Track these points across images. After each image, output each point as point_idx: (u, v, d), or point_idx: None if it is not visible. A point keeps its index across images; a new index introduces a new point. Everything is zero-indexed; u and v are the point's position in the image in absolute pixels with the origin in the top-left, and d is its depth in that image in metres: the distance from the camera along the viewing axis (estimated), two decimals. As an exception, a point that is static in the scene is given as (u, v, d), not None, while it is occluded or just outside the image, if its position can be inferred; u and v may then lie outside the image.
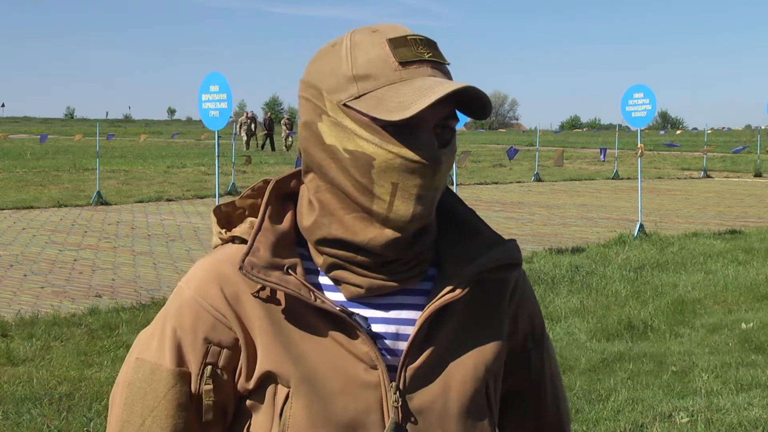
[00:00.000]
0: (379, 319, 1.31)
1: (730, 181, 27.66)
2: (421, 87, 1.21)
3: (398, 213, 1.25)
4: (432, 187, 1.25)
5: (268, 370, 1.28)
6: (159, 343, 1.32)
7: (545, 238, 13.33)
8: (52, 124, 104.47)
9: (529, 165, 31.11)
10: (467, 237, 1.37)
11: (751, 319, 7.87)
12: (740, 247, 11.94)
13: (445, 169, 1.27)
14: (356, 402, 1.26)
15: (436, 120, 1.25)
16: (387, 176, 1.23)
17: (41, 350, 6.65)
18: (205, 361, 1.30)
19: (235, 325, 1.29)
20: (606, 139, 56.75)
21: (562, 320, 7.98)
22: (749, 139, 53.23)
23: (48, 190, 19.97)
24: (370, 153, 1.23)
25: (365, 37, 1.27)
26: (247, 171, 25.36)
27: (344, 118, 1.25)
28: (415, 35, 1.27)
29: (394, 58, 1.24)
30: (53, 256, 11.13)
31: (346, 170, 1.26)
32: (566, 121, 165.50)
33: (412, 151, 1.23)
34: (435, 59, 1.27)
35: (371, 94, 1.23)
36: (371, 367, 1.27)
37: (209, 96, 10.71)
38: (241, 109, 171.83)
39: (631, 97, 13.33)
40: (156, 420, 1.29)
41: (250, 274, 1.25)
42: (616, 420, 5.28)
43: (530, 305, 1.47)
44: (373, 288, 1.29)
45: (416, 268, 1.32)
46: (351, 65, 1.26)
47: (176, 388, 1.29)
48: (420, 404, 1.29)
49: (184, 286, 1.34)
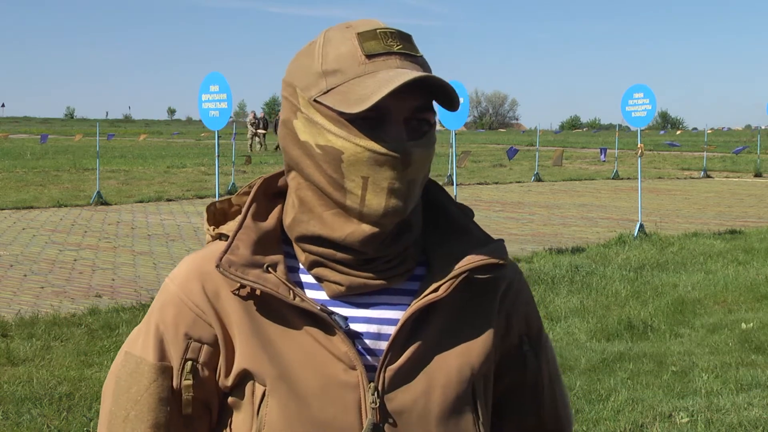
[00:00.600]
0: (361, 319, 1.30)
1: (730, 181, 27.65)
2: (383, 79, 1.21)
3: (371, 207, 1.24)
4: (404, 180, 1.24)
5: (244, 368, 1.28)
6: (144, 338, 1.34)
7: (545, 238, 13.33)
8: (52, 124, 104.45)
9: (529, 165, 31.10)
10: (456, 236, 1.36)
11: (751, 319, 7.87)
12: (740, 247, 11.94)
13: (418, 162, 1.25)
14: (334, 402, 1.26)
15: (407, 112, 1.25)
16: (356, 170, 1.23)
17: (41, 350, 6.65)
18: (186, 357, 1.31)
19: (215, 321, 1.30)
20: (606, 139, 56.75)
21: (562, 320, 7.98)
22: (749, 139, 53.23)
23: (48, 190, 19.97)
24: (339, 147, 1.23)
25: (337, 33, 1.28)
26: (247, 171, 25.36)
27: (315, 114, 1.26)
28: (386, 28, 1.27)
29: (362, 51, 1.24)
30: (53, 256, 11.13)
31: (320, 166, 1.26)
32: (566, 121, 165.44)
33: (379, 143, 1.22)
34: (405, 51, 1.26)
35: (338, 88, 1.24)
36: (350, 368, 1.26)
37: (209, 96, 10.71)
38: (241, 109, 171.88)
39: (631, 97, 13.33)
40: (139, 413, 1.31)
41: (227, 272, 1.26)
42: (616, 420, 5.28)
43: (526, 306, 1.44)
44: (353, 286, 1.29)
45: (400, 266, 1.31)
46: (321, 61, 1.27)
47: (158, 383, 1.31)
48: (400, 405, 1.27)
49: (169, 282, 1.36)
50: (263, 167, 28.29)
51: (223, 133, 26.56)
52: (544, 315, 8.15)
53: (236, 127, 28.94)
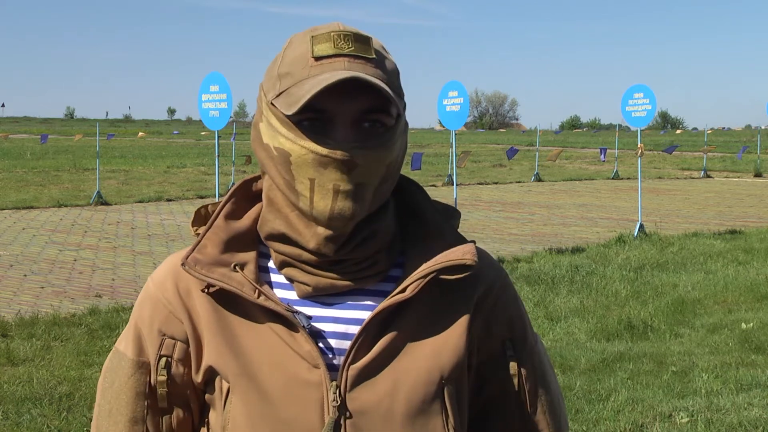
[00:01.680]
0: (328, 318, 1.30)
1: (730, 181, 27.65)
2: (320, 80, 1.20)
3: (318, 209, 1.24)
4: (351, 182, 1.22)
5: (210, 364, 1.30)
6: (126, 334, 1.38)
7: (545, 238, 13.33)
8: (52, 124, 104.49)
9: (529, 165, 31.11)
10: (430, 239, 1.35)
11: (751, 319, 7.87)
12: (740, 247, 11.94)
13: (367, 165, 1.23)
14: (297, 400, 1.26)
15: (354, 114, 1.24)
16: (303, 172, 1.24)
17: (41, 350, 6.65)
18: (160, 353, 1.33)
19: (185, 319, 1.32)
20: (606, 139, 56.74)
21: (562, 320, 7.98)
22: (749, 139, 53.23)
23: (48, 190, 19.97)
24: (287, 149, 1.24)
25: (299, 36, 1.29)
26: (247, 171, 25.36)
27: (271, 116, 1.27)
28: (342, 31, 1.26)
29: (311, 54, 1.25)
30: (53, 256, 11.13)
31: (276, 168, 1.27)
32: (566, 121, 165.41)
33: (322, 145, 1.22)
34: (355, 53, 1.24)
35: (287, 90, 1.25)
36: (313, 366, 1.27)
37: (209, 96, 10.71)
38: (241, 109, 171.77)
39: (631, 97, 13.33)
40: (119, 407, 1.34)
41: (193, 270, 1.28)
42: (616, 420, 5.28)
43: (508, 309, 1.41)
44: (320, 287, 1.29)
45: (371, 268, 1.31)
46: (279, 64, 1.28)
47: (135, 377, 1.34)
48: (362, 404, 1.27)
49: (149, 280, 1.39)
50: (263, 167, 28.25)
51: (223, 133, 26.56)
52: (544, 315, 8.15)
53: (236, 127, 28.93)
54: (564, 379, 6.09)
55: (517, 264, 10.59)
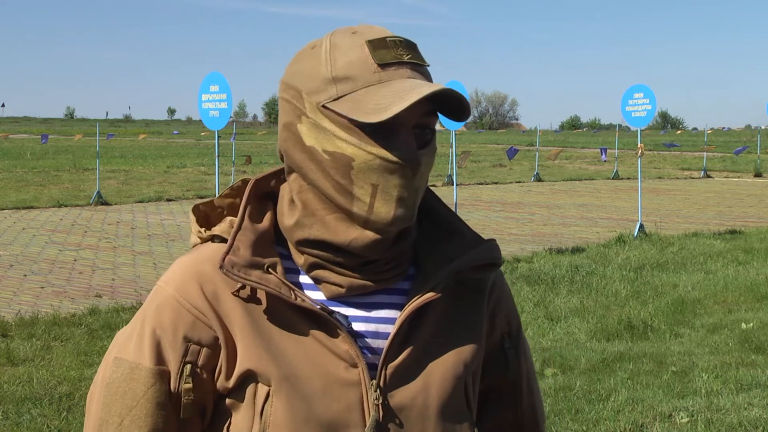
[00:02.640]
0: (359, 318, 1.31)
1: (730, 181, 27.66)
2: (399, 89, 1.21)
3: (379, 215, 1.24)
4: (412, 188, 1.25)
5: (248, 368, 1.28)
6: (138, 342, 1.31)
7: (545, 238, 13.33)
8: (52, 124, 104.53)
9: (529, 165, 31.11)
10: (447, 237, 1.38)
11: (751, 319, 7.87)
12: (740, 247, 11.94)
13: (424, 170, 1.27)
14: (337, 400, 1.27)
15: (414, 121, 1.25)
16: (366, 177, 1.23)
17: (41, 350, 6.65)
18: (185, 360, 1.29)
19: (215, 323, 1.29)
20: (606, 139, 56.75)
21: (562, 320, 7.98)
22: (749, 139, 53.24)
23: (48, 190, 19.97)
24: (350, 154, 1.23)
25: (345, 38, 1.28)
26: (247, 171, 25.36)
27: (323, 120, 1.25)
28: (394, 37, 1.28)
29: (373, 60, 1.24)
30: (53, 256, 11.13)
31: (326, 171, 1.26)
32: (566, 121, 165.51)
33: (391, 151, 1.23)
34: (414, 61, 1.27)
35: (350, 95, 1.24)
36: (351, 366, 1.27)
37: (209, 96, 10.70)
38: (241, 109, 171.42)
39: (631, 97, 13.33)
40: (135, 419, 1.29)
41: (231, 273, 1.26)
42: (616, 420, 5.28)
43: (507, 304, 1.47)
44: (353, 287, 1.29)
45: (397, 268, 1.32)
46: (330, 67, 1.26)
47: (155, 387, 1.29)
48: (400, 402, 1.29)
49: (163, 285, 1.34)
50: (263, 167, 28.28)
51: (223, 133, 26.55)
52: (544, 315, 8.16)
53: (236, 127, 28.94)
54: (564, 379, 6.09)
55: (517, 264, 10.59)
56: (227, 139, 27.47)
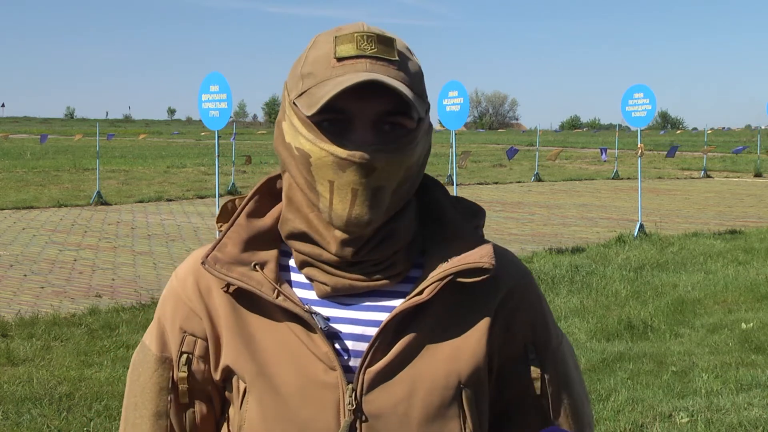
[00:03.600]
0: (345, 320, 1.29)
1: (730, 181, 27.65)
2: (340, 81, 1.19)
3: (336, 212, 1.23)
4: (368, 186, 1.21)
5: (227, 364, 1.30)
6: (150, 329, 1.39)
7: (545, 238, 13.33)
8: (52, 124, 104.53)
9: (529, 165, 31.11)
10: (450, 239, 1.33)
11: (751, 319, 7.87)
12: (740, 247, 11.94)
13: (385, 168, 1.22)
14: (313, 402, 1.26)
15: (373, 116, 1.22)
16: (323, 174, 1.23)
17: (41, 350, 6.65)
18: (182, 350, 1.34)
19: (205, 317, 1.33)
20: (606, 139, 56.75)
21: (562, 320, 7.97)
22: (749, 139, 53.24)
23: (48, 190, 19.97)
24: (307, 150, 1.24)
25: (323, 36, 1.28)
26: (247, 171, 25.37)
27: (293, 116, 1.26)
28: (366, 32, 1.25)
29: (334, 55, 1.24)
30: (53, 256, 11.13)
31: (298, 168, 1.26)
32: (566, 121, 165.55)
33: (341, 148, 1.21)
34: (377, 54, 1.23)
35: (309, 90, 1.24)
36: (330, 368, 1.26)
37: (209, 96, 10.70)
38: (241, 109, 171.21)
39: (631, 97, 13.33)
40: (143, 401, 1.35)
41: (212, 269, 1.28)
42: (616, 420, 5.28)
43: (532, 313, 1.38)
44: (338, 287, 1.28)
45: (390, 269, 1.29)
46: (303, 63, 1.27)
47: (158, 372, 1.35)
48: (378, 407, 1.26)
49: (173, 276, 1.39)
50: (263, 167, 28.29)
51: (223, 133, 26.56)
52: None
53: (236, 127, 28.93)
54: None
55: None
56: (227, 139, 27.46)
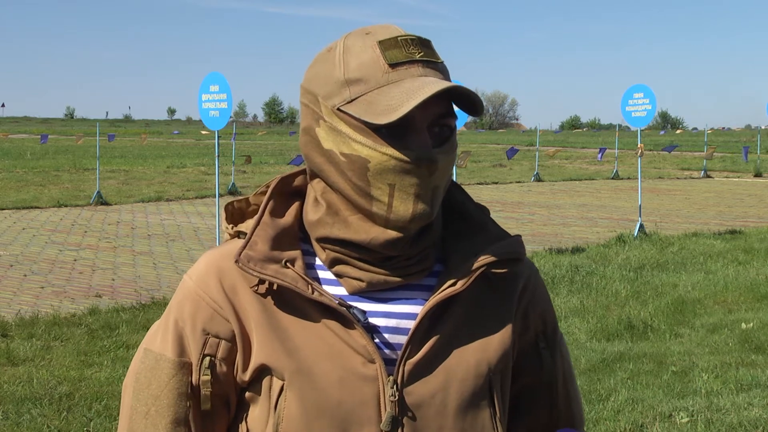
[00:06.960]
0: (380, 313, 1.31)
1: (730, 181, 27.66)
2: (409, 88, 1.22)
3: (398, 213, 1.26)
4: (429, 186, 1.26)
5: (262, 362, 1.30)
6: (163, 334, 1.36)
7: (545, 238, 13.33)
8: (52, 124, 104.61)
9: (529, 165, 31.12)
10: (472, 233, 1.38)
11: (751, 319, 7.87)
12: (740, 247, 11.94)
13: (442, 168, 1.27)
14: (353, 395, 1.27)
15: (430, 119, 1.26)
16: (383, 178, 1.25)
17: (41, 350, 6.65)
18: (204, 353, 1.32)
19: (232, 317, 1.32)
20: (606, 139, 56.75)
21: (562, 320, 7.97)
22: (749, 139, 53.25)
23: (48, 190, 19.98)
24: (365, 156, 1.25)
25: (357, 40, 1.29)
26: (247, 171, 25.38)
27: (339, 123, 1.27)
28: (407, 35, 1.28)
29: (384, 60, 1.25)
30: (53, 256, 11.13)
31: (344, 174, 1.27)
32: (566, 121, 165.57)
33: (405, 152, 1.24)
34: (427, 58, 1.27)
35: (363, 97, 1.25)
36: (369, 361, 1.28)
37: (209, 96, 10.70)
38: (241, 109, 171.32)
39: (631, 97, 13.33)
40: (159, 409, 1.33)
41: (246, 267, 1.28)
42: (616, 420, 5.28)
43: (542, 303, 1.45)
44: (374, 282, 1.30)
45: (420, 263, 1.33)
46: (343, 70, 1.27)
47: (177, 378, 1.33)
48: (418, 398, 1.29)
49: (187, 279, 1.37)
50: (263, 167, 28.31)
51: (223, 133, 26.57)
52: (544, 315, 8.16)
53: (236, 127, 28.95)
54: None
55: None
56: (227, 139, 27.48)
